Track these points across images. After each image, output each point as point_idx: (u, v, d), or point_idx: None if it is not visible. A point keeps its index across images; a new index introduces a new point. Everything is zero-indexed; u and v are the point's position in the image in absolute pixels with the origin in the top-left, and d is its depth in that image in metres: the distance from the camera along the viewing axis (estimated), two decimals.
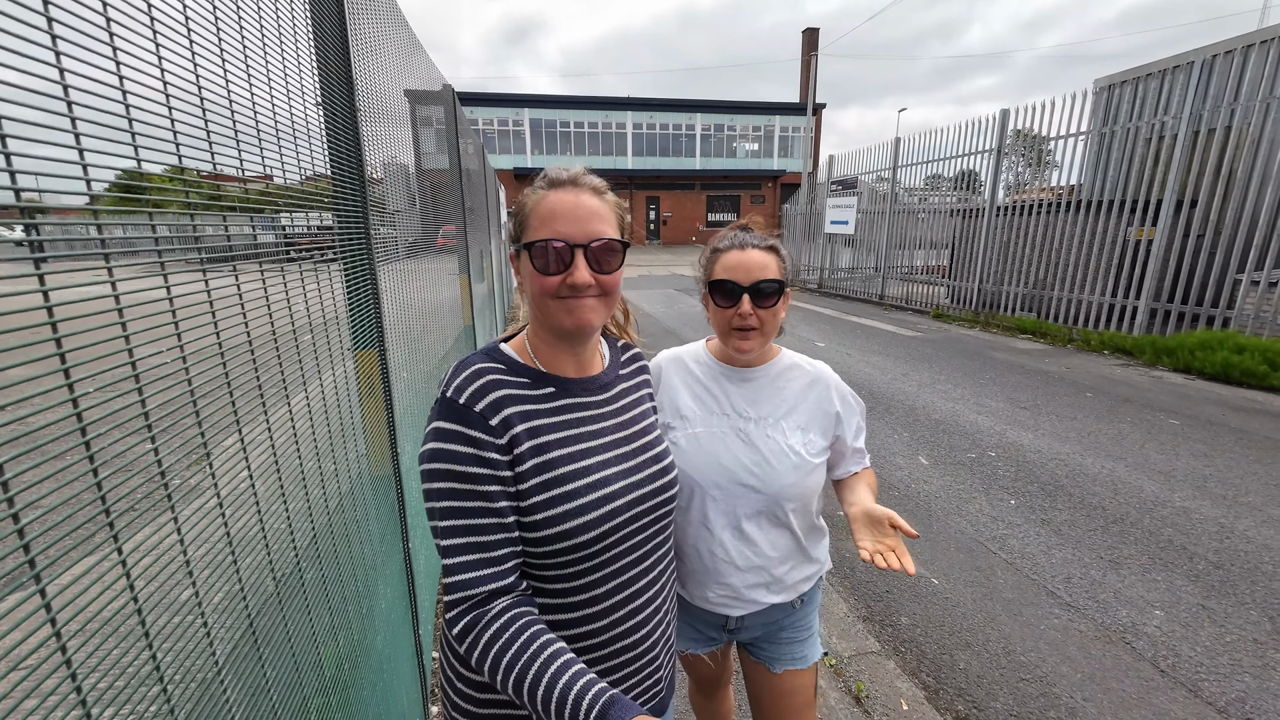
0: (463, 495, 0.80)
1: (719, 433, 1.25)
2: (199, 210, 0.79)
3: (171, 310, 0.64)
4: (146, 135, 0.61)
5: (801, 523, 1.27)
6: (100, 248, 0.54)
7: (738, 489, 1.22)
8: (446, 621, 0.80)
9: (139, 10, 0.61)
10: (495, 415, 0.83)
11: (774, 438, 1.24)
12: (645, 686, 0.99)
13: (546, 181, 0.90)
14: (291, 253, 1.16)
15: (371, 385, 1.55)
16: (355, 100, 1.43)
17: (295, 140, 1.09)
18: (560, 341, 0.92)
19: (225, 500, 0.75)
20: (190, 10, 0.73)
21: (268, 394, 0.92)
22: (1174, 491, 3.67)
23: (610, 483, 0.89)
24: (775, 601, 1.28)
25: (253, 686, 0.81)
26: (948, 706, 2.16)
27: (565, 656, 0.75)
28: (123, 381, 0.58)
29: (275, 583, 0.89)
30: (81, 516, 0.53)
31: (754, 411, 1.26)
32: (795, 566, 1.29)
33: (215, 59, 0.80)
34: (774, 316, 1.21)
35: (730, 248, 1.23)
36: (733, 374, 1.29)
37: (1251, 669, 2.26)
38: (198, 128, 0.73)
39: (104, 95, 0.55)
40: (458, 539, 0.80)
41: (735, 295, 1.19)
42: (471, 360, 0.88)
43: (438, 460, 0.81)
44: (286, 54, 1.08)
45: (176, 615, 0.65)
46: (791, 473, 1.22)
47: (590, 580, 0.89)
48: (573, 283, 0.85)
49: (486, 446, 0.81)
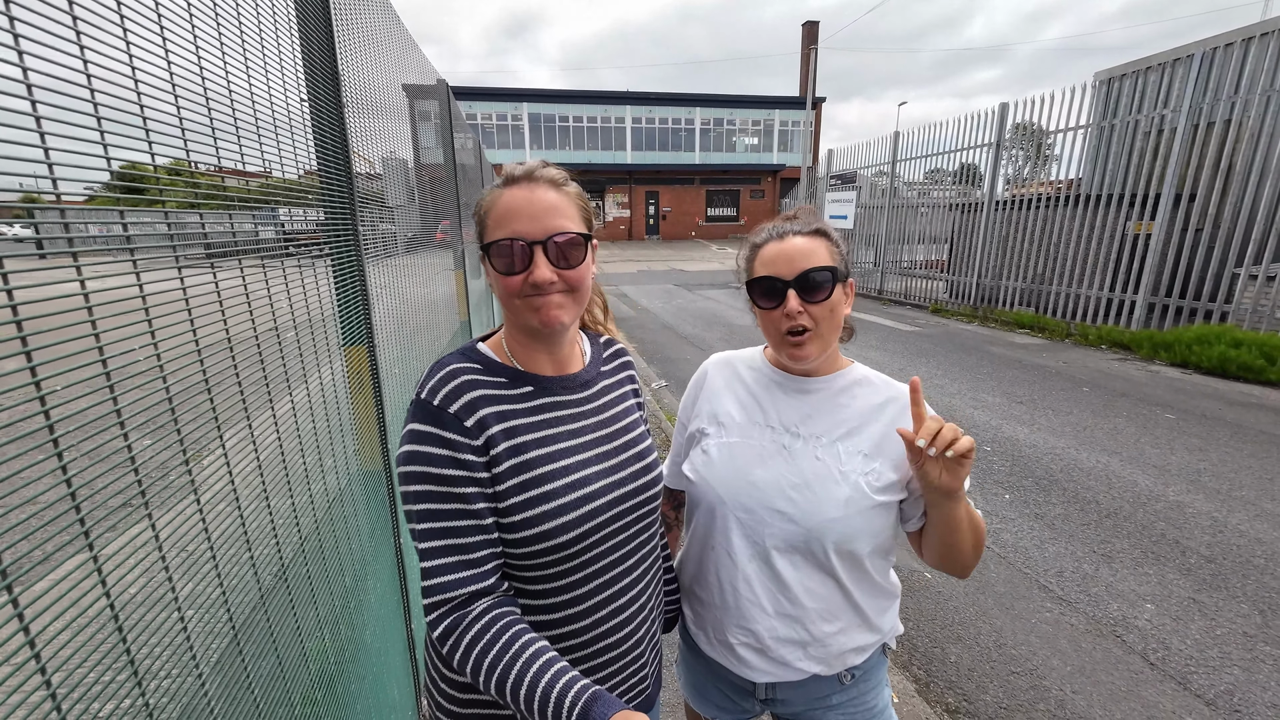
0: (439, 498, 0.80)
1: (758, 445, 1.07)
2: (183, 206, 0.79)
3: (145, 308, 0.64)
4: (115, 130, 0.61)
5: (852, 573, 1.04)
6: (68, 246, 0.54)
7: (768, 514, 1.03)
8: (428, 624, 0.80)
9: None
10: (470, 416, 0.82)
11: (824, 460, 1.03)
12: (631, 684, 0.98)
13: (503, 179, 0.88)
14: (286, 248, 1.16)
15: (361, 381, 1.55)
16: (341, 94, 1.42)
17: (277, 133, 1.09)
18: (534, 341, 0.91)
19: (219, 497, 0.76)
20: (163, 1, 0.72)
21: (257, 391, 0.92)
22: (1168, 486, 3.68)
23: (590, 482, 0.89)
24: (813, 670, 1.05)
25: (233, 682, 0.81)
26: (938, 699, 2.18)
27: (547, 655, 0.75)
28: (96, 379, 0.58)
29: (278, 575, 0.90)
30: (58, 521, 0.52)
31: (805, 428, 1.06)
32: (844, 630, 1.05)
33: (191, 51, 0.80)
34: (831, 314, 1.01)
35: (768, 240, 1.05)
36: (787, 382, 1.10)
37: (1240, 662, 2.28)
38: (174, 123, 0.73)
39: (70, 93, 0.55)
40: (436, 541, 0.80)
41: (779, 293, 1.00)
42: (447, 361, 0.87)
43: (413, 463, 0.81)
44: (267, 47, 1.08)
45: (163, 613, 0.66)
46: (838, 505, 1.00)
47: (572, 580, 0.88)
48: (534, 281, 0.84)
49: (462, 448, 0.81)
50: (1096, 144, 8.92)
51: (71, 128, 0.54)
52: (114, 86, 0.61)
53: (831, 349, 1.06)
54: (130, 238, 0.64)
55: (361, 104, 1.65)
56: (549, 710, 0.70)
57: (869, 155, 12.42)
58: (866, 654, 1.08)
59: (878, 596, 1.07)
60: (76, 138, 0.55)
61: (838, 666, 1.06)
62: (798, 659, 1.05)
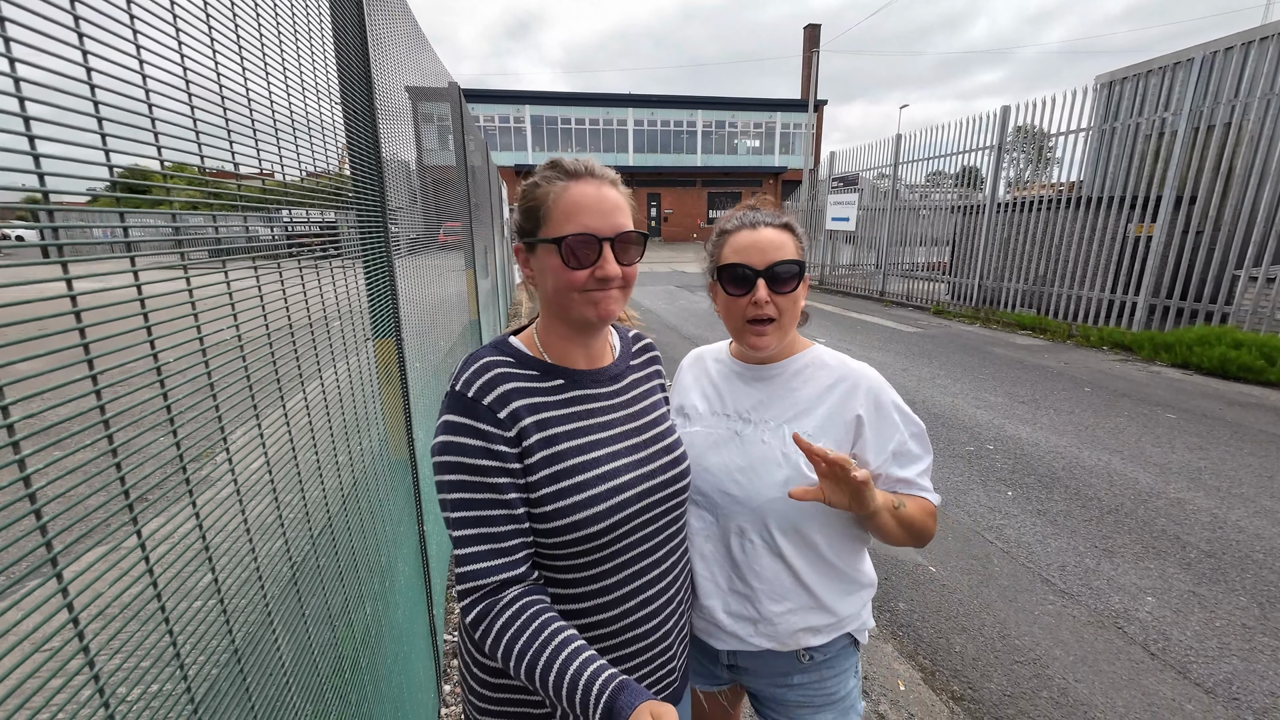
0: (473, 487, 0.82)
1: (714, 433, 1.12)
2: (226, 209, 0.84)
3: (191, 303, 0.70)
4: (169, 134, 0.64)
5: (802, 554, 1.07)
6: (124, 240, 0.58)
7: (719, 496, 1.08)
8: (460, 610, 0.83)
9: (162, 7, 0.64)
10: (504, 408, 0.84)
11: (769, 443, 1.07)
12: (659, 676, 0.99)
13: (563, 172, 0.88)
14: (316, 248, 1.22)
15: (390, 373, 1.61)
16: (374, 100, 1.49)
17: (310, 138, 1.15)
18: (578, 334, 0.93)
19: (258, 481, 0.81)
20: (211, 8, 0.76)
21: (294, 381, 0.98)
22: (1168, 483, 3.73)
23: (620, 474, 0.90)
24: (765, 646, 1.10)
25: (298, 645, 0.87)
26: (943, 687, 2.23)
27: (576, 643, 0.76)
28: (146, 374, 0.60)
29: (295, 564, 0.95)
30: (100, 504, 0.53)
31: (757, 414, 1.11)
32: (795, 611, 1.08)
33: (235, 59, 0.84)
34: (794, 304, 1.07)
35: (740, 227, 1.08)
36: (746, 372, 1.15)
37: (1239, 652, 2.33)
38: (221, 128, 0.79)
39: (126, 93, 0.57)
40: (469, 530, 0.82)
41: (749, 281, 1.04)
42: (480, 354, 0.89)
43: (448, 453, 0.82)
44: (303, 54, 1.13)
45: (211, 598, 0.70)
46: (777, 486, 1.04)
47: (602, 570, 0.89)
48: (602, 275, 0.85)
49: (495, 439, 0.82)
50: (1098, 147, 8.98)
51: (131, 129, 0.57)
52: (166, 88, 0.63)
53: (790, 335, 1.11)
54: (180, 236, 0.68)
55: (390, 109, 1.71)
56: (576, 697, 0.72)
57: (871, 158, 12.48)
58: (824, 636, 1.10)
59: (834, 579, 1.10)
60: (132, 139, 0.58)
61: (792, 645, 1.10)
62: (749, 634, 1.10)
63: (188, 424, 0.65)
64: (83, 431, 0.51)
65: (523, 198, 0.92)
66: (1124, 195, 7.90)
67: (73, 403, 0.51)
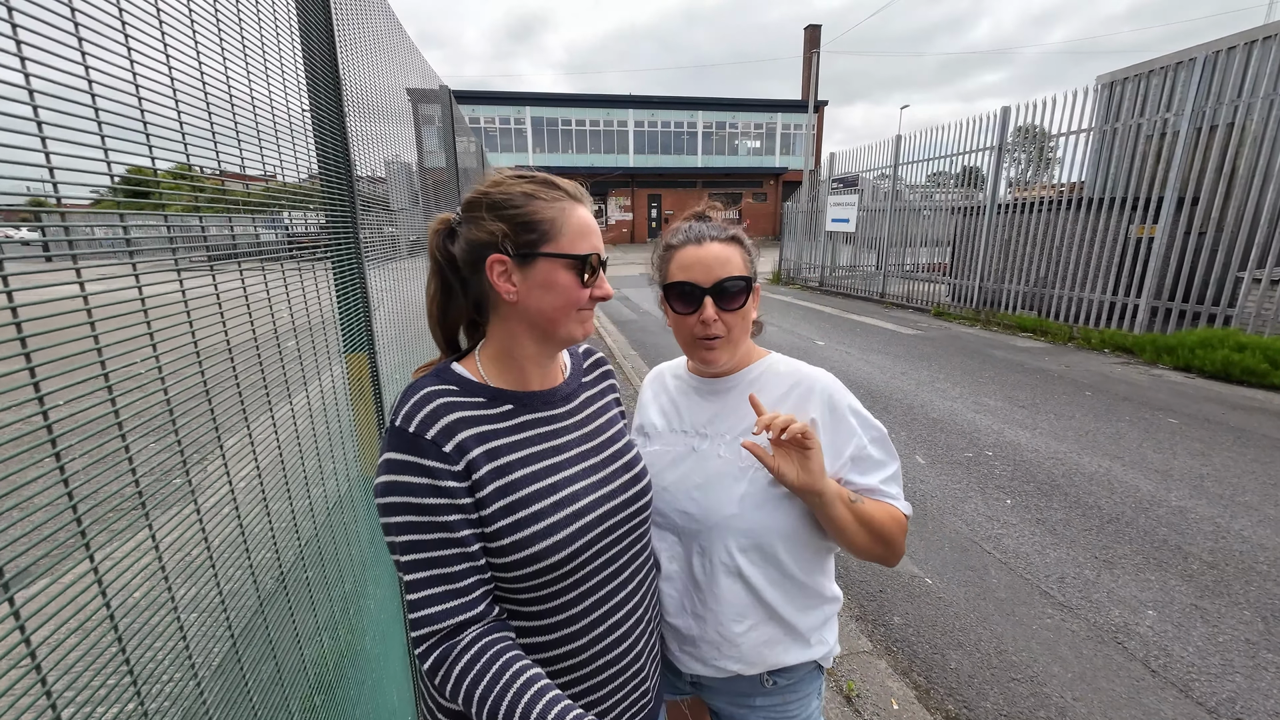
0: (422, 528, 0.77)
1: (672, 451, 1.10)
2: (187, 210, 0.79)
3: (143, 310, 0.65)
4: (117, 135, 0.61)
5: (762, 571, 1.04)
6: (68, 248, 0.54)
7: (677, 515, 1.06)
8: (418, 656, 0.78)
9: (107, 3, 0.61)
10: (449, 441, 0.79)
11: (725, 457, 1.04)
12: (633, 700, 0.96)
13: (563, 192, 0.87)
14: (285, 252, 1.17)
15: (362, 388, 1.56)
16: (342, 98, 1.43)
17: (278, 138, 1.09)
18: (545, 353, 0.90)
19: (221, 502, 0.76)
20: (163, 6, 0.72)
21: (258, 398, 0.92)
22: (1170, 491, 3.67)
23: (579, 497, 0.87)
24: (730, 668, 1.06)
25: (232, 689, 0.82)
26: (938, 706, 2.17)
27: (540, 684, 0.74)
28: (94, 381, 0.58)
29: (277, 581, 0.90)
30: (56, 523, 0.53)
31: (712, 427, 1.08)
32: (755, 628, 1.05)
33: (192, 55, 0.80)
34: (742, 319, 1.05)
35: (685, 243, 1.05)
36: (702, 386, 1.13)
37: (1243, 669, 2.26)
38: (174, 127, 0.74)
39: (72, 99, 0.55)
40: (421, 573, 0.77)
41: (696, 299, 1.02)
42: (420, 385, 0.84)
43: (393, 494, 0.78)
44: (269, 51, 1.09)
45: (168, 617, 0.66)
46: (734, 502, 1.01)
47: (567, 600, 0.86)
48: (600, 294, 0.88)
49: (442, 475, 0.78)
50: (1099, 147, 8.91)
51: (77, 133, 0.55)
52: (115, 93, 0.62)
53: (742, 348, 1.09)
54: (131, 241, 0.64)
55: (362, 108, 1.66)
56: None
57: (871, 159, 12.43)
58: (789, 656, 1.07)
59: (798, 596, 1.06)
60: (81, 143, 0.56)
61: (759, 667, 1.06)
62: (714, 657, 1.06)
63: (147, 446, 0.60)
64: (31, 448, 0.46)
65: (506, 207, 0.84)
66: (1125, 196, 7.83)
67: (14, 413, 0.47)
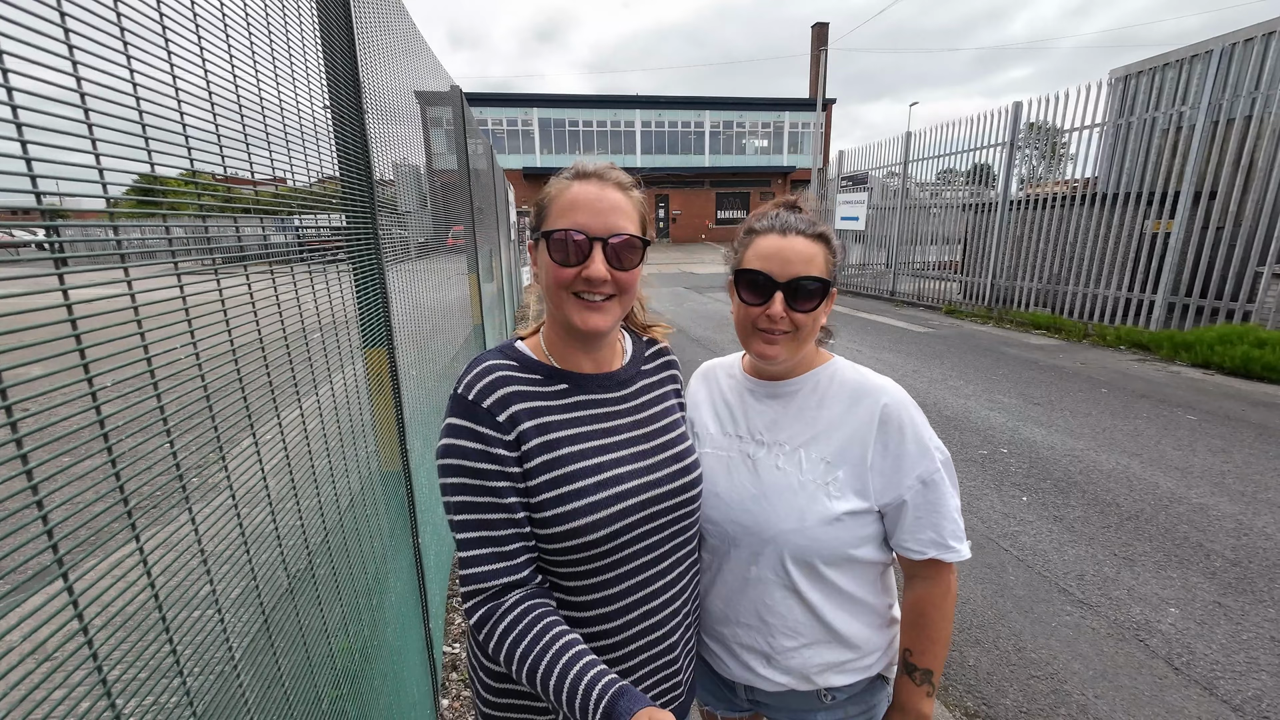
0: (473, 490, 0.82)
1: (725, 457, 1.05)
2: (212, 213, 0.81)
3: (185, 309, 0.66)
4: (159, 139, 0.63)
5: (819, 588, 0.99)
6: (117, 250, 0.56)
7: (731, 526, 1.01)
8: (464, 612, 0.83)
9: (149, 8, 0.63)
10: (502, 411, 0.84)
11: (785, 469, 0.99)
12: (663, 689, 0.97)
13: (573, 173, 0.90)
14: (303, 254, 1.19)
15: (381, 383, 1.57)
16: (363, 102, 1.45)
17: (304, 142, 1.11)
18: (572, 339, 0.92)
19: (240, 499, 0.78)
20: (200, 12, 0.74)
21: (283, 393, 0.94)
22: (1190, 488, 3.62)
23: (623, 481, 0.88)
24: (780, 681, 1.02)
25: (266, 677, 0.83)
26: (957, 703, 2.16)
27: (577, 648, 0.77)
28: (137, 379, 0.60)
29: (289, 577, 0.91)
30: (104, 514, 0.54)
31: (770, 435, 1.03)
32: (809, 646, 1.00)
33: (225, 63, 0.82)
34: (813, 322, 0.98)
35: (769, 230, 0.98)
36: (759, 389, 1.07)
37: (1269, 667, 2.23)
38: (209, 131, 0.75)
39: (116, 100, 0.57)
40: (471, 533, 0.82)
41: (767, 291, 0.95)
42: (484, 357, 0.90)
43: (450, 456, 0.83)
44: (294, 57, 1.10)
45: (196, 610, 0.68)
46: (794, 517, 0.96)
47: (604, 579, 0.88)
48: (588, 276, 0.84)
49: (494, 443, 0.83)
50: (1113, 142, 8.81)
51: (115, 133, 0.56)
52: (158, 95, 0.63)
53: (805, 350, 1.02)
54: (173, 243, 0.66)
55: (381, 110, 1.68)
56: (576, 701, 0.72)
57: (880, 156, 12.36)
58: (848, 675, 1.02)
59: (858, 614, 1.01)
60: (126, 144, 0.57)
61: (808, 684, 1.01)
62: (761, 667, 1.03)
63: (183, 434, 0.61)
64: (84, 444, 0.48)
65: (540, 195, 0.94)
66: (1140, 191, 7.73)
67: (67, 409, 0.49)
